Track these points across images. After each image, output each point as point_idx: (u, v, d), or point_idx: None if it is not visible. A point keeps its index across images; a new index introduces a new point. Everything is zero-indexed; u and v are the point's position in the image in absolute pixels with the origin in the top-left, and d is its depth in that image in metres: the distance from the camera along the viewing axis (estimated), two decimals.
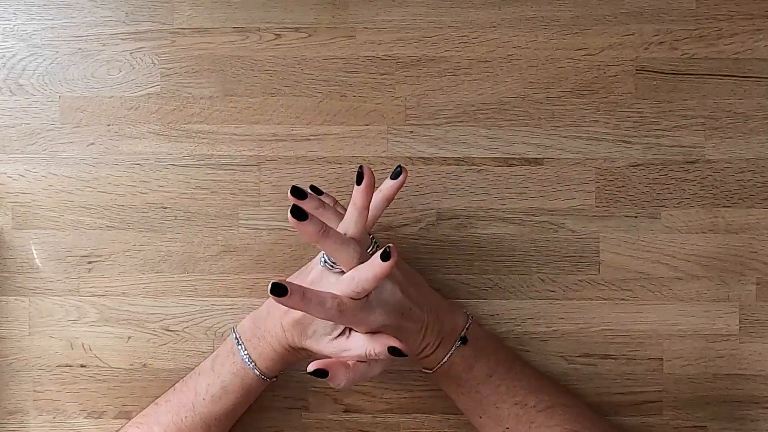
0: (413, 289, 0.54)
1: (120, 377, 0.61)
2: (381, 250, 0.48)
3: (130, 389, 0.61)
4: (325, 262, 0.51)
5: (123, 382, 0.61)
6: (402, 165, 0.53)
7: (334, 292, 0.49)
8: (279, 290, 0.46)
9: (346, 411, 0.61)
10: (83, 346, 0.61)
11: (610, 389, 0.60)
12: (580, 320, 0.60)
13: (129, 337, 0.61)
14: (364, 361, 0.50)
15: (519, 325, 0.60)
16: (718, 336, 0.60)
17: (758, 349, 0.60)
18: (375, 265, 0.48)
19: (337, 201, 0.56)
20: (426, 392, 0.60)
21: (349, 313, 0.48)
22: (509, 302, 0.60)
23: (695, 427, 0.60)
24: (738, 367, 0.60)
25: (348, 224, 0.51)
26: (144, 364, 0.61)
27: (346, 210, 0.52)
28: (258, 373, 0.54)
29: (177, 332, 0.61)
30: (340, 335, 0.51)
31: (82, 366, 0.61)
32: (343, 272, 0.50)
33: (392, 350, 0.48)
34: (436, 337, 0.54)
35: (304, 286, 0.48)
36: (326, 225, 0.49)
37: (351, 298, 0.49)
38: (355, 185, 0.50)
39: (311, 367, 0.48)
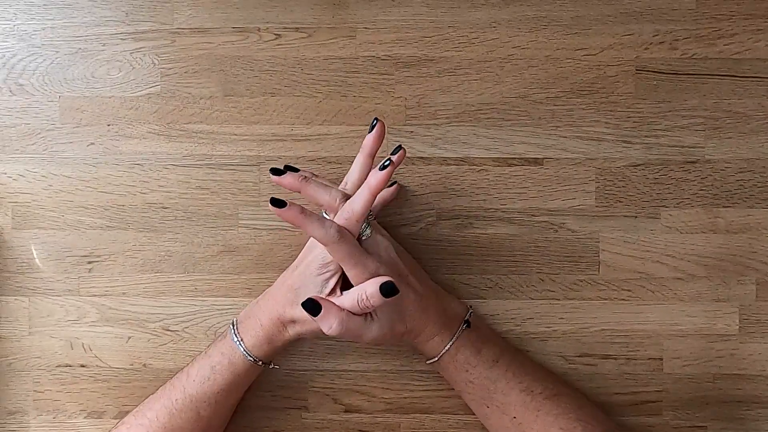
0: (409, 264, 0.55)
1: (120, 377, 0.61)
2: (380, 164, 0.50)
3: (130, 389, 0.61)
4: (324, 214, 0.53)
5: (123, 382, 0.61)
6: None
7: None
8: (278, 203, 0.49)
9: (346, 411, 0.61)
10: (83, 346, 0.61)
11: (610, 389, 0.60)
12: (580, 320, 0.60)
13: (129, 337, 0.61)
14: (360, 315, 0.51)
15: (519, 325, 0.60)
16: (718, 336, 0.60)
17: (758, 349, 0.60)
18: (369, 179, 0.50)
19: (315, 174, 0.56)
20: (426, 392, 0.61)
21: (346, 240, 0.49)
22: (509, 302, 0.60)
23: (695, 427, 0.60)
24: (738, 367, 0.60)
25: (352, 171, 0.54)
26: (144, 364, 0.61)
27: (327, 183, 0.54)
28: (243, 349, 0.54)
29: (177, 332, 0.61)
30: (331, 293, 0.52)
31: (82, 366, 0.61)
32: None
33: (384, 288, 0.49)
34: (439, 317, 0.55)
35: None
36: (305, 174, 0.52)
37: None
38: (367, 134, 0.53)
39: (306, 300, 0.49)
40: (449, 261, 0.60)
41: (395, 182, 0.57)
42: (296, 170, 0.53)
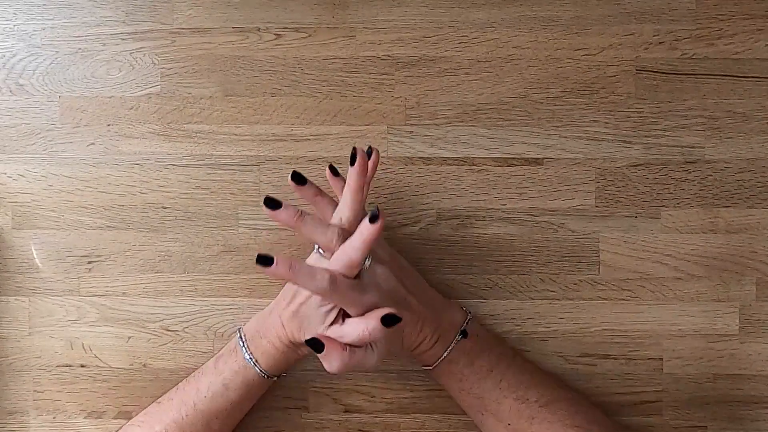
0: (408, 281, 0.54)
1: (120, 377, 0.61)
2: (368, 214, 0.48)
3: (130, 389, 0.61)
4: (318, 249, 0.52)
5: (123, 382, 0.61)
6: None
7: (326, 268, 0.49)
8: (264, 260, 0.47)
9: (346, 411, 0.61)
10: (83, 346, 0.61)
11: (610, 389, 0.60)
12: (580, 320, 0.60)
13: (129, 337, 0.61)
14: (361, 347, 0.50)
15: (519, 325, 0.60)
16: (718, 336, 0.60)
17: (758, 349, 0.60)
18: (363, 230, 0.48)
19: (321, 190, 0.56)
20: (426, 392, 0.61)
21: (341, 288, 0.48)
22: (509, 302, 0.60)
23: (695, 427, 0.60)
24: (738, 367, 0.60)
25: (342, 208, 0.52)
26: (144, 364, 0.61)
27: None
28: (259, 371, 0.54)
29: (177, 332, 0.61)
30: (333, 323, 0.51)
31: (82, 366, 0.61)
32: None
33: (386, 320, 0.48)
34: (434, 331, 0.54)
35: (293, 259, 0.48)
36: (301, 211, 0.50)
37: (344, 276, 0.49)
38: (349, 166, 0.51)
39: (308, 336, 0.49)
40: (449, 261, 0.60)
41: (371, 149, 0.54)
42: (304, 181, 0.53)
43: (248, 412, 0.60)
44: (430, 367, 0.56)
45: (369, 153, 0.53)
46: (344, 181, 0.53)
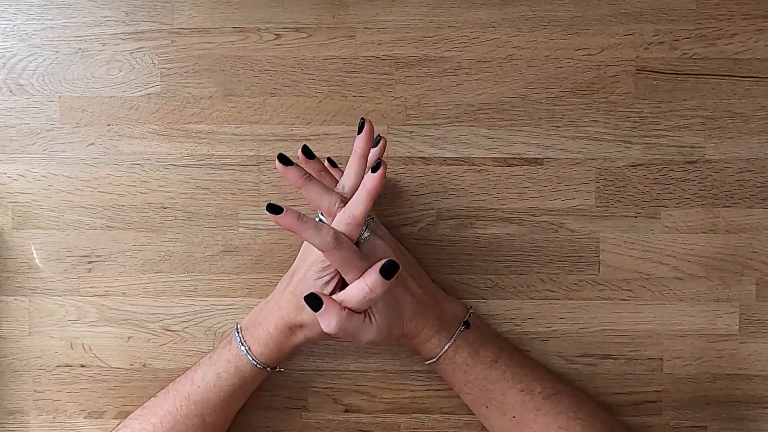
0: (409, 265, 0.55)
1: (120, 377, 0.61)
2: (373, 165, 0.49)
3: (130, 389, 0.61)
4: (320, 215, 0.52)
5: (123, 382, 0.61)
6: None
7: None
8: (274, 209, 0.48)
9: (346, 411, 0.61)
10: (83, 346, 0.61)
11: (610, 389, 0.60)
12: (580, 320, 0.60)
13: (129, 337, 0.61)
14: (360, 313, 0.50)
15: (519, 325, 0.60)
16: (718, 336, 0.60)
17: (758, 349, 0.60)
18: (365, 182, 0.49)
19: (325, 167, 0.57)
20: (426, 392, 0.61)
21: (344, 245, 0.49)
22: (509, 302, 0.60)
23: (695, 427, 0.60)
24: (738, 367, 0.60)
25: (346, 176, 0.52)
26: (144, 364, 0.61)
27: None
28: (251, 358, 0.54)
29: (177, 332, 0.61)
30: (330, 295, 0.51)
31: (82, 366, 0.61)
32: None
33: (384, 270, 0.49)
34: (437, 319, 0.55)
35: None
36: (310, 173, 0.51)
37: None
38: (357, 135, 0.52)
39: (308, 294, 0.49)
40: (449, 261, 0.60)
41: (379, 137, 0.55)
42: (313, 156, 0.55)
43: (248, 412, 0.60)
44: (434, 359, 0.56)
45: (376, 142, 0.55)
46: (341, 172, 0.54)
